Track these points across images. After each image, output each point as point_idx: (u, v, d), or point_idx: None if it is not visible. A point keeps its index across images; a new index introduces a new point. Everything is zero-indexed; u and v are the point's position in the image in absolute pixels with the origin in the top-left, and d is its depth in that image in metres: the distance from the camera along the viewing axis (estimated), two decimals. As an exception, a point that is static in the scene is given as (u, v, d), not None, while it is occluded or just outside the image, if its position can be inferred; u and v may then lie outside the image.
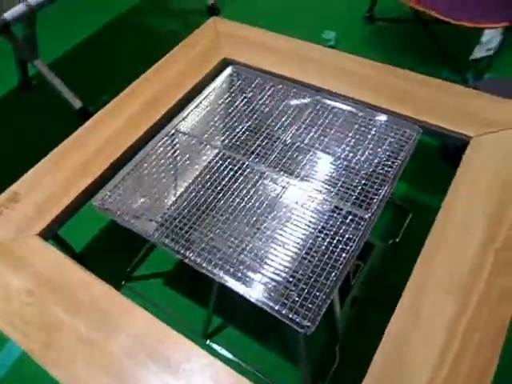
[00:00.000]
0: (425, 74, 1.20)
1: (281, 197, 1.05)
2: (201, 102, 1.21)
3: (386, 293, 1.11)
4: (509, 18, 1.52)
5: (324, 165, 1.10)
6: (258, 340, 1.16)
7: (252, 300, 0.80)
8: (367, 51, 1.90)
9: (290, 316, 0.79)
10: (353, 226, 0.93)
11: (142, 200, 1.05)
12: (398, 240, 1.30)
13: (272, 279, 0.91)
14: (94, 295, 0.89)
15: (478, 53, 1.57)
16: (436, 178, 1.44)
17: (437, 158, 1.51)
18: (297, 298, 0.84)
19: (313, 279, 0.89)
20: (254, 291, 0.81)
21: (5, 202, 1.06)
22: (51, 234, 1.04)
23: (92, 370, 0.80)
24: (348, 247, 0.89)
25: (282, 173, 1.03)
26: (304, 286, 0.87)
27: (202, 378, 0.77)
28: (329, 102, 1.15)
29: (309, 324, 0.78)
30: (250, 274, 0.91)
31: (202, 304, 1.23)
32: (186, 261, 0.87)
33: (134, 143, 1.15)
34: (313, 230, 0.99)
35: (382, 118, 1.10)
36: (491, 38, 1.55)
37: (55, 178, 1.09)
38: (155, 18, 2.24)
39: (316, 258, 0.93)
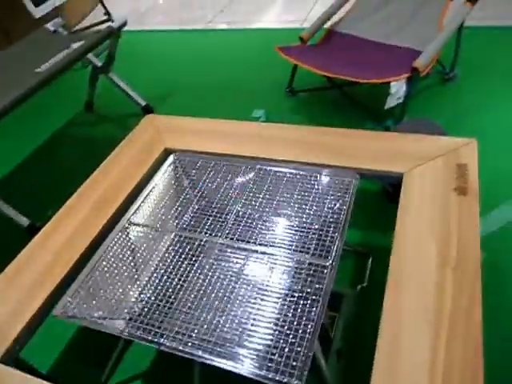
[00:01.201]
0: (351, 128, 1.32)
1: (244, 265, 1.06)
2: (149, 193, 1.24)
3: (368, 339, 1.11)
4: (406, 70, 1.73)
5: (278, 227, 1.14)
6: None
7: (236, 371, 0.78)
8: (296, 120, 2.06)
9: (277, 378, 0.77)
10: (317, 276, 0.96)
11: (106, 299, 1.03)
12: (365, 285, 1.32)
13: (252, 348, 0.90)
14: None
15: (391, 102, 1.75)
16: (385, 218, 1.52)
17: (382, 200, 1.60)
18: (280, 360, 0.83)
19: (292, 337, 0.88)
20: (237, 363, 0.79)
21: (-42, 334, 1.00)
22: (12, 357, 0.97)
23: None
24: (317, 297, 0.90)
25: (240, 242, 1.05)
26: (284, 346, 0.87)
27: None
28: (269, 168, 1.23)
29: (297, 381, 0.77)
30: (229, 347, 0.89)
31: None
32: (162, 348, 0.85)
33: (89, 246, 1.14)
34: (282, 291, 1.00)
35: (322, 172, 1.19)
36: (398, 88, 1.74)
37: (11, 298, 1.05)
38: (94, 126, 2.33)
39: (290, 316, 0.93)
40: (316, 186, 1.18)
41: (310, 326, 0.85)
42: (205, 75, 2.60)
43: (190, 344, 0.86)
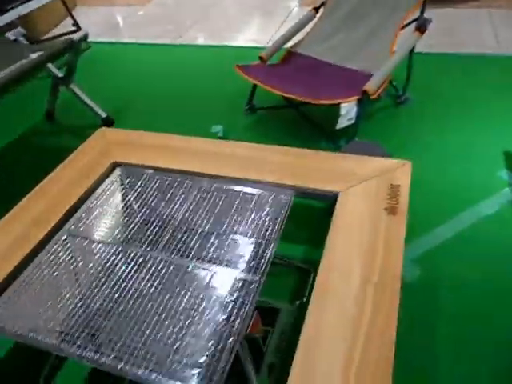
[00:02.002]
0: (305, 147, 1.37)
1: (179, 279, 1.08)
2: (92, 205, 1.25)
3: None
4: (357, 93, 1.80)
5: (215, 242, 1.17)
6: None
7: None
8: (253, 138, 2.11)
9: (193, 391, 0.79)
10: (245, 291, 0.99)
11: (38, 312, 1.03)
12: (304, 300, 1.36)
13: (180, 362, 0.91)
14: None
15: (342, 123, 1.82)
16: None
17: (328, 219, 1.65)
18: (207, 371, 0.85)
19: (218, 349, 0.90)
20: (163, 379, 0.81)
21: None
22: None
23: None
24: (242, 311, 0.93)
25: (176, 257, 1.08)
26: (209, 355, 0.89)
27: None
28: (210, 184, 1.26)
29: (212, 394, 0.79)
30: (158, 361, 0.91)
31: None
32: (87, 362, 0.86)
33: (27, 255, 1.14)
34: (212, 305, 1.03)
35: (259, 189, 1.22)
36: (348, 109, 1.81)
37: None
38: (52, 135, 2.32)
39: (218, 330, 0.95)
40: (256, 203, 1.21)
41: (230, 341, 0.87)
42: (169, 89, 2.64)
43: (116, 358, 0.87)
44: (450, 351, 1.22)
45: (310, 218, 1.67)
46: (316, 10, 2.29)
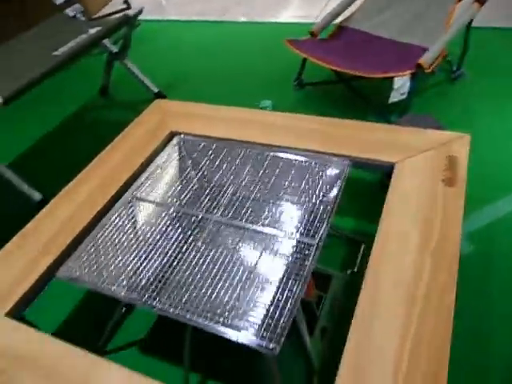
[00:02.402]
0: None
1: (237, 242, 1.13)
2: (153, 171, 1.31)
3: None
4: (411, 66, 1.77)
5: (272, 208, 1.20)
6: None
7: (222, 335, 0.84)
8: (301, 112, 2.10)
9: (258, 343, 0.84)
10: (304, 253, 1.02)
11: (107, 266, 1.10)
12: (355, 270, 1.38)
13: (239, 316, 0.96)
14: (64, 361, 0.90)
15: (394, 97, 1.79)
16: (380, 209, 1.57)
17: (379, 193, 1.65)
18: (263, 327, 0.89)
19: (277, 308, 0.95)
20: (224, 328, 0.86)
21: (-30, 290, 1.08)
22: (20, 313, 1.05)
23: None
24: (301, 272, 0.96)
25: (233, 220, 1.12)
26: (268, 316, 0.93)
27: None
28: (267, 152, 1.29)
29: (274, 345, 0.83)
30: (216, 315, 0.96)
31: (179, 365, 1.23)
32: (156, 310, 0.92)
33: (94, 217, 1.22)
34: (271, 267, 1.07)
35: (316, 159, 1.24)
36: (402, 83, 1.78)
37: (20, 260, 1.13)
38: (107, 110, 2.42)
39: (277, 290, 0.99)
40: (310, 172, 1.23)
41: (291, 300, 0.91)
42: (217, 65, 2.67)
43: (182, 309, 0.93)
44: (506, 324, 1.21)
45: (362, 192, 1.67)
46: (368, -18, 2.23)
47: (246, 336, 0.85)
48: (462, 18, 1.90)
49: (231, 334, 0.85)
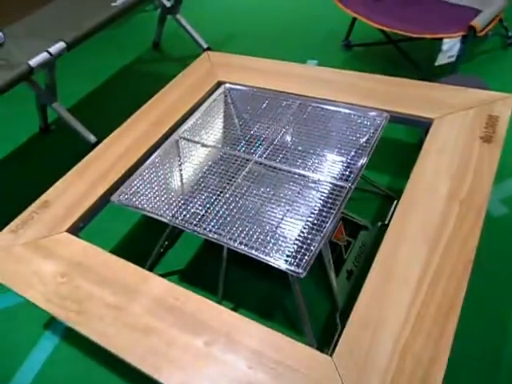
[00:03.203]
0: None
1: (276, 182, 1.20)
2: (200, 115, 1.40)
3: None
4: (462, 28, 1.73)
5: (310, 154, 1.27)
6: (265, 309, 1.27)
7: (255, 257, 0.94)
8: (347, 73, 2.12)
9: (287, 267, 0.93)
10: (336, 195, 1.08)
11: (155, 195, 1.22)
12: (386, 222, 1.43)
13: (272, 244, 1.05)
14: (115, 270, 1.03)
15: (442, 60, 1.77)
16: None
17: (418, 152, 1.67)
18: (292, 255, 0.98)
19: (307, 240, 1.03)
20: (257, 252, 0.95)
21: (35, 209, 1.23)
22: (78, 230, 1.19)
23: (119, 328, 0.92)
24: (332, 211, 1.03)
25: (273, 161, 1.19)
26: (300, 245, 1.01)
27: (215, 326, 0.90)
28: (308, 103, 1.34)
29: (301, 271, 0.92)
30: (253, 241, 1.05)
31: (215, 294, 1.35)
32: (197, 234, 1.02)
33: (145, 153, 1.33)
34: (306, 205, 1.14)
35: (354, 111, 1.28)
36: (451, 46, 1.75)
37: (79, 187, 1.27)
38: (159, 63, 2.52)
39: (310, 224, 1.07)
40: (349, 123, 1.28)
41: (321, 234, 0.99)
42: (265, 23, 2.69)
43: (220, 235, 1.03)
44: (529, 284, 1.24)
45: (402, 151, 1.70)
46: None
47: (276, 260, 0.94)
48: (523, -21, 1.82)
49: (263, 257, 0.95)
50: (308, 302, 1.29)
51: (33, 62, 1.60)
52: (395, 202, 1.50)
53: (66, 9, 2.03)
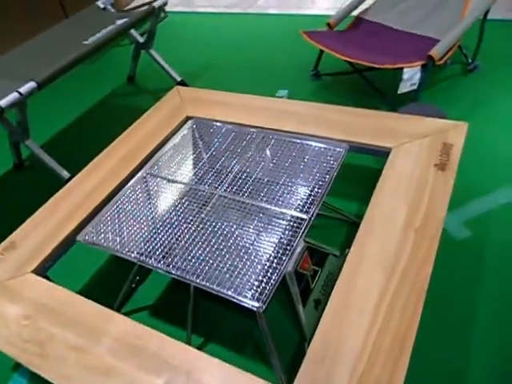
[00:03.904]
0: None
1: (239, 215, 1.23)
2: (168, 150, 1.43)
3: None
4: (421, 58, 1.81)
5: (272, 186, 1.30)
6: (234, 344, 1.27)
7: (216, 293, 0.95)
8: (316, 101, 2.18)
9: (247, 301, 0.94)
10: (297, 228, 1.11)
11: (122, 233, 1.23)
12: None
13: (236, 277, 1.06)
14: (80, 311, 1.03)
15: (403, 88, 1.84)
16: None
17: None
18: (254, 289, 1.00)
19: (267, 274, 1.04)
20: (219, 288, 0.97)
21: (2, 250, 1.23)
22: (45, 270, 1.19)
23: (81, 370, 0.92)
24: (292, 243, 1.06)
25: (236, 195, 1.22)
26: (261, 279, 1.03)
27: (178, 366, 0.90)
28: (271, 136, 1.38)
29: (261, 304, 0.93)
30: (215, 277, 1.06)
31: (183, 329, 1.35)
32: (162, 271, 1.03)
33: (113, 190, 1.35)
34: (268, 238, 1.16)
35: (316, 142, 1.32)
36: (412, 74, 1.83)
37: (46, 226, 1.27)
38: (133, 96, 2.56)
39: (272, 258, 1.09)
40: (310, 153, 1.32)
41: (279, 268, 1.01)
42: (238, 55, 2.76)
43: (184, 271, 1.04)
44: (488, 307, 1.26)
45: (367, 179, 1.74)
46: (387, -25, 2.27)
47: (238, 295, 0.96)
48: (476, 11, 1.92)
49: (225, 293, 0.96)
50: (278, 332, 1.30)
51: (3, 103, 1.62)
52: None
53: (37, 49, 2.07)
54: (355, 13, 2.30)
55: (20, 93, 1.67)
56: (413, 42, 2.06)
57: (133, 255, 1.11)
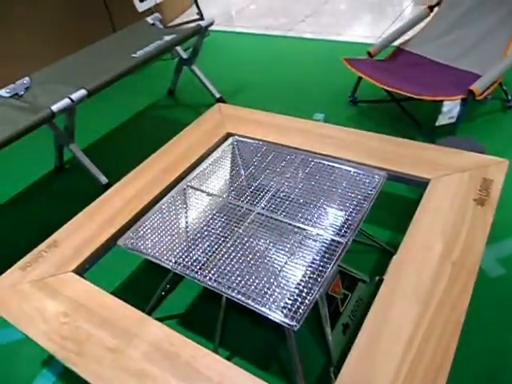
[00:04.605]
0: None
1: (277, 233, 1.25)
2: (208, 165, 1.47)
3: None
4: (462, 92, 1.82)
5: (310, 208, 1.32)
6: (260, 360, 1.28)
7: (253, 308, 0.97)
8: (352, 127, 2.20)
9: (281, 319, 0.96)
10: (333, 251, 1.12)
11: (162, 241, 1.26)
12: (384, 277, 1.45)
13: (271, 294, 1.08)
14: (116, 313, 1.07)
15: (442, 120, 1.85)
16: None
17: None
18: (288, 307, 1.01)
19: (303, 292, 1.06)
20: (253, 303, 0.99)
21: (45, 247, 1.29)
22: (84, 271, 1.24)
23: (115, 372, 0.95)
24: (328, 266, 1.07)
25: (274, 214, 1.25)
26: (296, 297, 1.04)
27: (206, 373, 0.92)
28: (310, 158, 1.41)
29: (295, 323, 0.95)
30: (250, 292, 1.09)
31: (211, 341, 1.37)
32: (197, 281, 1.06)
33: (153, 199, 1.39)
34: (304, 258, 1.18)
35: (355, 168, 1.34)
36: (451, 107, 1.84)
37: (87, 229, 1.32)
38: (173, 109, 2.64)
39: (307, 277, 1.11)
40: (348, 179, 1.34)
41: (316, 288, 1.02)
42: (277, 77, 2.82)
43: (219, 283, 1.07)
44: (524, 347, 1.24)
45: (404, 208, 1.74)
46: (431, 8, 2.31)
47: (271, 311, 0.97)
48: (520, 49, 1.93)
49: (259, 308, 0.98)
50: (304, 353, 1.30)
51: (55, 108, 1.71)
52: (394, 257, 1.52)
53: (88, 59, 2.18)
54: (396, 43, 2.33)
55: (71, 99, 1.75)
56: (453, 75, 2.08)
57: (171, 264, 1.14)
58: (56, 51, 2.97)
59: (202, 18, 3.49)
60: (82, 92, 1.80)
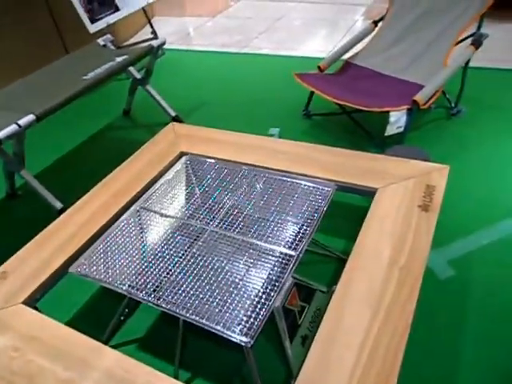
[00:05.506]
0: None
1: (230, 250, 1.26)
2: (161, 185, 1.47)
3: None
4: (407, 102, 1.91)
5: (261, 222, 1.34)
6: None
7: (204, 326, 0.97)
8: (307, 141, 2.25)
9: (236, 336, 0.96)
10: (285, 264, 1.14)
11: (115, 265, 1.25)
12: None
13: (226, 312, 1.08)
14: (69, 343, 1.04)
15: (390, 131, 1.93)
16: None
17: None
18: (242, 324, 1.02)
19: (256, 309, 1.07)
20: (208, 322, 0.99)
21: (-6, 280, 1.24)
22: (35, 301, 1.20)
23: (69, 404, 0.92)
24: (280, 280, 1.09)
25: (227, 231, 1.25)
26: (250, 314, 1.05)
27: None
28: (262, 174, 1.43)
29: (249, 339, 0.96)
30: (205, 311, 1.09)
31: (171, 363, 1.35)
32: (152, 305, 1.05)
33: (106, 223, 1.38)
34: (256, 274, 1.19)
35: (306, 181, 1.38)
36: (398, 117, 1.92)
37: (38, 257, 1.29)
38: (128, 129, 2.62)
39: (261, 293, 1.12)
40: (299, 192, 1.37)
41: (268, 304, 1.03)
42: (231, 93, 2.86)
43: (174, 304, 1.06)
44: (472, 346, 1.29)
45: (352, 215, 1.79)
46: (375, 23, 2.41)
47: (226, 330, 0.98)
48: (458, 59, 2.04)
49: (214, 327, 0.98)
50: (265, 367, 1.31)
51: (1, 134, 1.67)
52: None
53: (37, 82, 2.14)
54: (346, 56, 2.42)
55: (19, 125, 1.71)
56: (399, 86, 2.17)
57: (124, 288, 1.13)
58: (3, 76, 2.90)
59: (156, 38, 3.50)
60: (31, 117, 1.76)
